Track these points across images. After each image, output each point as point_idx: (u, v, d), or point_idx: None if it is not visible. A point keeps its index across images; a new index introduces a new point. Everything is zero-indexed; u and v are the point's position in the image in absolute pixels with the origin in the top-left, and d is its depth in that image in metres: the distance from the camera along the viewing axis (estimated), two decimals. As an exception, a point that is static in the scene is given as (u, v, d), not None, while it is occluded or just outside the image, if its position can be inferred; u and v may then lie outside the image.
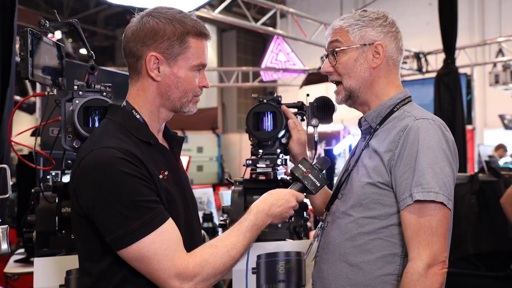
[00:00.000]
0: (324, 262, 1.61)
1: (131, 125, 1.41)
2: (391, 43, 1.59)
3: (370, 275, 1.49)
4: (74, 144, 1.79)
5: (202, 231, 1.93)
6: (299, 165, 1.63)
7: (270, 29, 9.02)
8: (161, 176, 1.38)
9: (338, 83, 1.64)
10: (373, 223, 1.50)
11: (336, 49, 1.58)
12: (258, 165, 1.97)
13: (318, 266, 1.65)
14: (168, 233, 1.30)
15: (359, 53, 1.57)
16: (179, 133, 1.61)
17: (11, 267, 3.15)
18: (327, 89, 10.43)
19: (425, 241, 1.39)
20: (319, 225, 1.70)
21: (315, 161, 1.65)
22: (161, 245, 1.27)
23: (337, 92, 1.65)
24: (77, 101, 1.75)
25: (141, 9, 1.46)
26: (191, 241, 1.41)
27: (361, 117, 1.68)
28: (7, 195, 1.69)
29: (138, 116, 1.44)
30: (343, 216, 1.57)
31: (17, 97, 7.66)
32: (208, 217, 3.68)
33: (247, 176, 2.00)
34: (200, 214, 3.15)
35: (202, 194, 4.54)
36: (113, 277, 1.33)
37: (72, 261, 1.84)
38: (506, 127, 10.86)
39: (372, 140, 1.58)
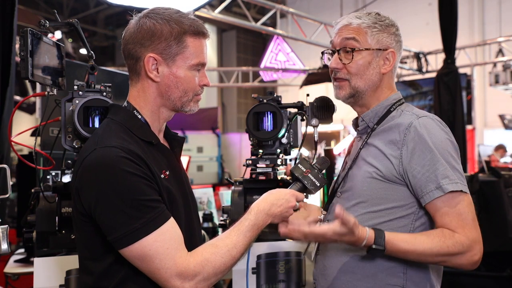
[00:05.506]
0: (326, 259, 1.61)
1: (133, 125, 1.42)
2: (398, 52, 1.63)
3: (377, 268, 1.51)
4: (74, 144, 1.80)
5: (202, 231, 1.93)
6: (299, 165, 1.63)
7: (270, 29, 9.03)
8: (162, 176, 1.38)
9: (342, 79, 1.62)
10: (378, 217, 1.52)
11: (355, 48, 1.57)
12: (258, 165, 1.97)
13: (320, 264, 1.66)
14: (170, 232, 1.30)
15: (373, 56, 1.58)
16: (179, 133, 1.62)
17: (11, 267, 3.16)
18: (327, 89, 10.42)
19: (468, 224, 1.43)
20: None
21: (315, 161, 1.65)
22: (163, 244, 1.28)
23: (339, 86, 1.62)
24: (77, 101, 1.75)
25: (140, 10, 1.46)
26: (192, 240, 1.42)
27: (355, 118, 1.71)
28: (7, 195, 1.69)
29: (139, 116, 1.44)
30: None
31: (17, 97, 7.66)
32: (208, 217, 3.67)
33: (247, 176, 2.01)
34: (200, 214, 3.15)
35: (202, 194, 4.52)
36: (115, 276, 1.33)
37: (72, 261, 1.85)
38: (506, 127, 10.86)
39: (372, 138, 1.59)
